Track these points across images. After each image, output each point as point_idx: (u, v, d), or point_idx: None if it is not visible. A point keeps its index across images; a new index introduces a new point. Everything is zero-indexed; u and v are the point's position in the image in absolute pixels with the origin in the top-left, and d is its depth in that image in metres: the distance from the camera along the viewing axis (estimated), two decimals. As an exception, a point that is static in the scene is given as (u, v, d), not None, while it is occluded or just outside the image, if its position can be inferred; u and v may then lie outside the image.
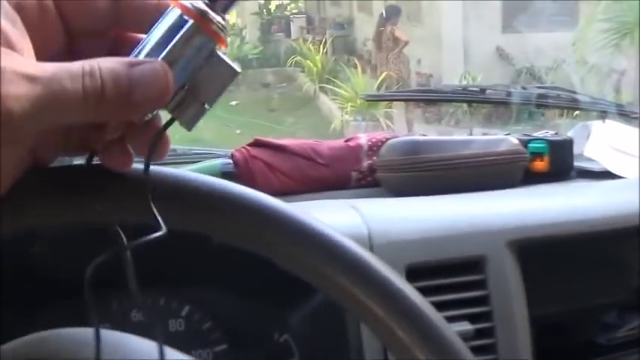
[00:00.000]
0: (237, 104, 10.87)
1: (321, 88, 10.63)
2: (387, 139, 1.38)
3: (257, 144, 1.35)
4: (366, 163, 1.38)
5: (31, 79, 0.46)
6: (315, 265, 0.56)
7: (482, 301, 1.05)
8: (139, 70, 0.50)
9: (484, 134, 1.57)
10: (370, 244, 1.01)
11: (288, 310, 1.15)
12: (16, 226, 0.54)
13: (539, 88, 1.79)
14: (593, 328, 1.22)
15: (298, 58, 11.87)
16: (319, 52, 11.47)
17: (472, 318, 1.03)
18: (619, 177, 1.45)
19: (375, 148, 1.38)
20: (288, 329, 1.15)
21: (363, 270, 0.55)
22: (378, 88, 9.42)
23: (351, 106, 9.05)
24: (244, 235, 0.57)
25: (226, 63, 0.54)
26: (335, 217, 1.08)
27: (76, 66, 0.49)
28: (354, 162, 1.38)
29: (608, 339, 1.19)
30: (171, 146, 1.48)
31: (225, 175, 1.29)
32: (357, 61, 10.83)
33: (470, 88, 1.79)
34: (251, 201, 0.57)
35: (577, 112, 1.92)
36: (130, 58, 0.52)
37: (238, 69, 0.55)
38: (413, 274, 1.01)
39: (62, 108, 0.48)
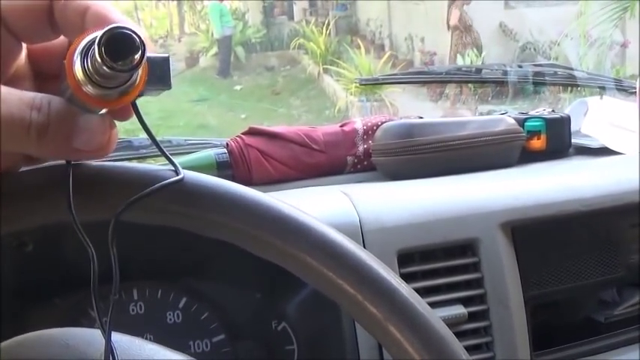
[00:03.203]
0: (241, 89, 10.86)
1: (325, 70, 10.59)
2: (382, 123, 1.37)
3: (252, 132, 1.35)
4: (361, 148, 1.37)
5: None
6: (282, 249, 0.56)
7: (475, 283, 1.05)
8: (85, 118, 0.50)
9: (488, 112, 1.57)
10: (361, 231, 1.01)
11: (284, 299, 1.15)
12: None
13: (535, 65, 1.78)
14: (591, 305, 1.21)
15: (302, 40, 11.82)
16: (322, 33, 11.42)
17: (466, 301, 1.03)
18: (617, 153, 1.45)
19: (370, 132, 1.38)
20: (286, 318, 1.15)
21: (330, 250, 0.55)
22: (382, 69, 9.41)
23: (356, 87, 9.01)
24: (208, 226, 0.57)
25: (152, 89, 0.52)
26: (326, 203, 1.08)
27: (29, 96, 0.49)
28: (349, 147, 1.37)
29: (606, 316, 1.19)
30: (167, 137, 1.49)
31: (220, 164, 1.29)
32: (360, 42, 10.78)
33: (464, 69, 1.79)
34: (224, 191, 0.57)
35: (580, 87, 1.91)
36: None
37: (169, 87, 0.52)
38: (405, 259, 1.01)
39: (5, 132, 0.48)
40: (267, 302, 1.16)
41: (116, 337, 0.66)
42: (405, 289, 0.55)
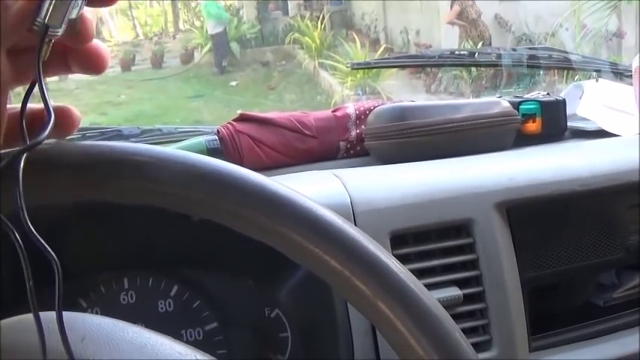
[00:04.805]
0: (237, 84, 10.86)
1: (321, 64, 10.59)
2: (375, 107, 1.35)
3: (243, 119, 1.33)
4: (354, 133, 1.35)
5: None
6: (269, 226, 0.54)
7: (470, 265, 1.03)
8: None
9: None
10: (353, 212, 0.99)
11: (277, 286, 1.13)
12: None
13: (530, 49, 1.76)
14: (589, 288, 1.20)
15: (296, 35, 11.82)
16: (317, 28, 11.41)
17: (461, 283, 1.02)
18: (613, 135, 1.43)
19: (362, 116, 1.36)
20: (279, 304, 1.14)
21: (315, 225, 0.53)
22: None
23: (351, 80, 9.02)
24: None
25: None
26: (317, 185, 1.07)
27: None
28: (342, 132, 1.35)
29: (605, 300, 1.17)
30: (157, 126, 1.46)
31: (211, 151, 1.27)
32: (355, 36, 10.77)
33: (457, 52, 1.77)
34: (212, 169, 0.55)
35: (575, 72, 1.90)
36: None
37: None
38: (398, 240, 0.99)
39: None
40: (260, 289, 1.14)
41: (98, 320, 0.64)
42: (395, 265, 0.54)
